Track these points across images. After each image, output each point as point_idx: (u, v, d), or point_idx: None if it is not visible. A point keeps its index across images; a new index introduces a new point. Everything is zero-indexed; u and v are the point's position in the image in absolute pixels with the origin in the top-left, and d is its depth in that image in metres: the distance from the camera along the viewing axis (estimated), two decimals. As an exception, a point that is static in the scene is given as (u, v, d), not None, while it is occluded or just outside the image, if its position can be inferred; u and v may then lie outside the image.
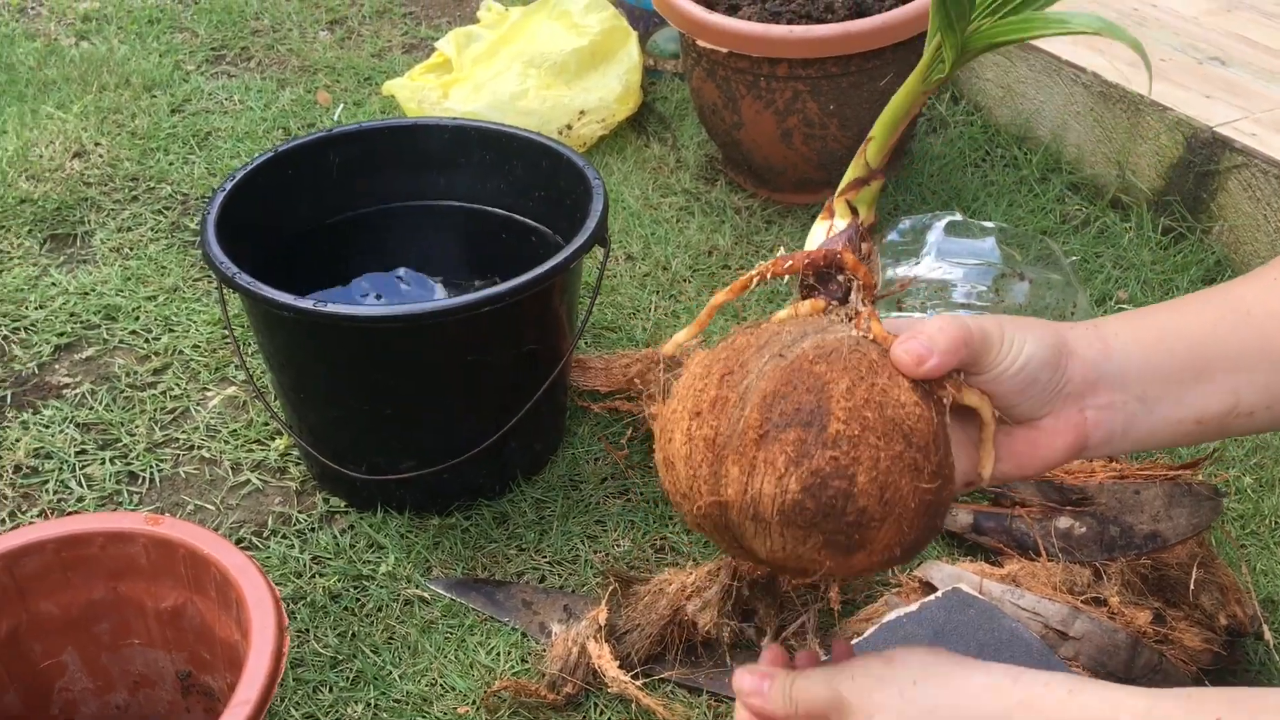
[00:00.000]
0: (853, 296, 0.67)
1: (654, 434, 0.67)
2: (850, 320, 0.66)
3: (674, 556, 1.17)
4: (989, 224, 1.23)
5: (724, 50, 1.51)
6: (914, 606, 0.94)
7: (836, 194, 0.74)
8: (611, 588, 1.08)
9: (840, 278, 0.68)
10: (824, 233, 0.73)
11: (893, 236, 1.24)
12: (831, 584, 1.09)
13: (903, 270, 1.21)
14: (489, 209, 1.34)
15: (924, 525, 0.62)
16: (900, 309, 1.20)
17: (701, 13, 1.52)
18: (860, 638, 0.93)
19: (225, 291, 1.14)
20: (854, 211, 0.72)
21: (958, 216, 1.24)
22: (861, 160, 0.73)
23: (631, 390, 1.32)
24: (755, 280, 0.69)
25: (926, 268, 1.19)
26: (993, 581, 1.04)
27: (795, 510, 0.59)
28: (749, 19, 1.55)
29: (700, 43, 1.54)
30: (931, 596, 0.96)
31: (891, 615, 0.95)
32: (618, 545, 1.18)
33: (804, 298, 0.68)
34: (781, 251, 0.69)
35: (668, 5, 1.57)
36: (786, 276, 0.68)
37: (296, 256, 1.27)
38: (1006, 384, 0.65)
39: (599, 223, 1.15)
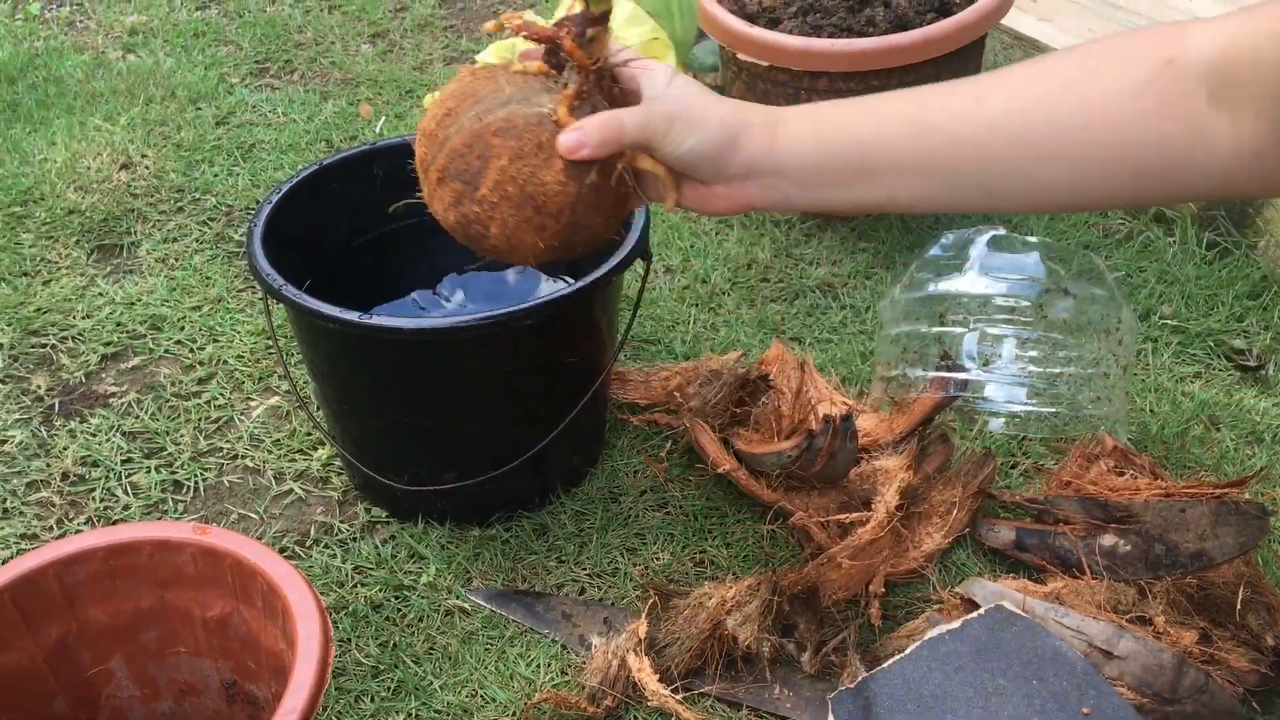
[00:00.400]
0: (565, 73, 0.82)
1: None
2: (555, 94, 0.82)
3: (713, 570, 1.17)
4: (1032, 239, 1.22)
5: (765, 64, 1.52)
6: (956, 623, 0.94)
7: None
8: (651, 601, 1.08)
9: (559, 57, 0.82)
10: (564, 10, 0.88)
11: (935, 251, 1.24)
12: (872, 600, 1.09)
13: (945, 285, 1.20)
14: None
15: (553, 250, 0.84)
16: (943, 323, 1.20)
17: (743, 26, 1.52)
18: (901, 655, 0.93)
19: (270, 302, 1.15)
20: (585, 2, 0.82)
21: (1001, 231, 1.24)
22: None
23: (671, 403, 1.33)
24: (492, 28, 0.86)
25: (969, 282, 1.19)
26: (1036, 599, 1.04)
27: (453, 230, 0.84)
28: (790, 33, 1.55)
29: (741, 56, 1.55)
30: (974, 614, 0.95)
31: (933, 632, 0.94)
32: (657, 558, 1.18)
33: (542, 57, 0.84)
34: (529, 20, 0.83)
35: (709, 19, 1.57)
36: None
37: (340, 268, 1.28)
38: (673, 163, 0.84)
39: (641, 236, 1.15)
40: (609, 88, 0.84)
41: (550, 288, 1.36)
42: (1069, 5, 2.02)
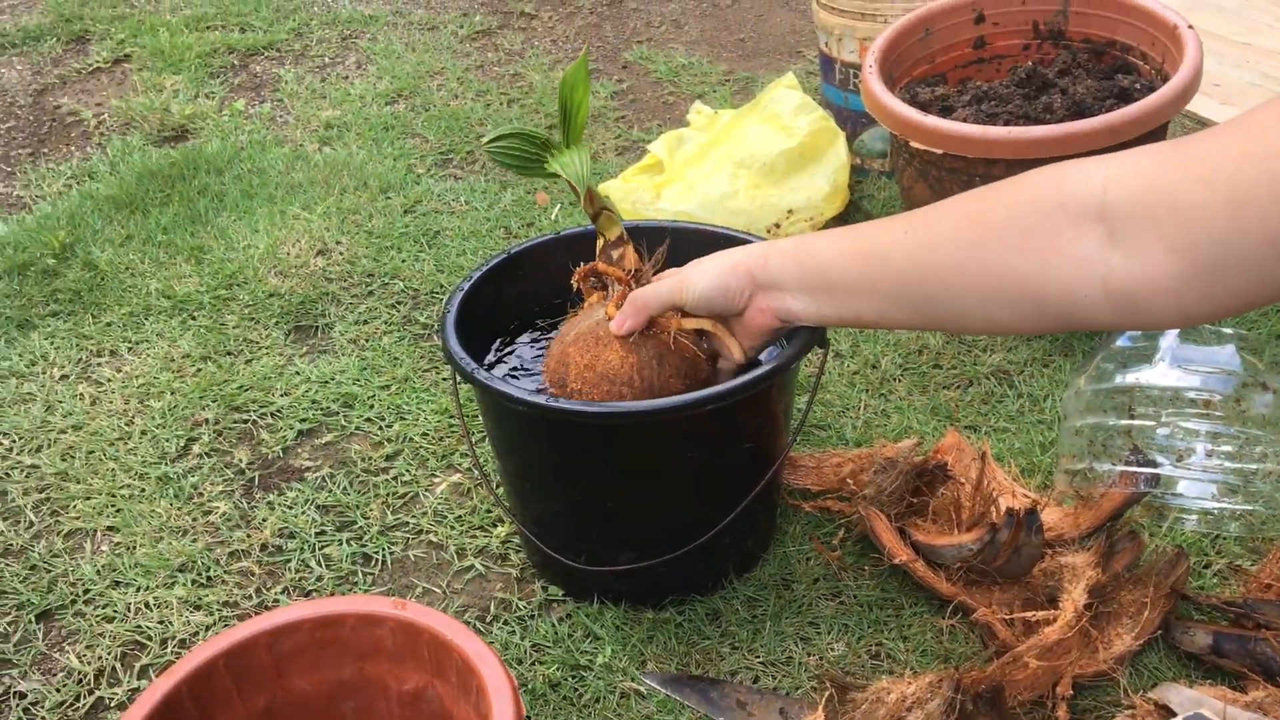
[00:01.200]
0: (610, 288, 1.16)
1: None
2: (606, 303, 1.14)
3: (890, 664, 1.15)
4: (1227, 330, 1.18)
5: (939, 151, 1.52)
6: (1154, 732, 0.90)
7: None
8: (828, 693, 1.07)
9: (603, 279, 1.17)
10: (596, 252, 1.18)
11: (1122, 341, 1.21)
12: (1060, 703, 1.05)
13: (1133, 376, 1.17)
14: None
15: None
16: (1132, 416, 1.17)
17: (917, 115, 1.53)
18: (1096, 762, 0.89)
19: (457, 383, 1.20)
20: (601, 236, 1.16)
21: (1192, 321, 1.20)
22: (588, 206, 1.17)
23: (844, 490, 1.32)
24: (576, 279, 1.19)
25: (1159, 374, 1.15)
26: (1237, 708, 0.99)
27: None
28: (965, 120, 1.56)
29: (914, 144, 1.55)
30: (1173, 722, 0.91)
31: (1129, 740, 0.91)
32: (831, 649, 1.17)
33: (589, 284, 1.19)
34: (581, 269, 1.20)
35: (882, 109, 1.59)
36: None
37: (517, 342, 1.33)
38: (697, 309, 1.09)
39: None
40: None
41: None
42: (1252, 88, 1.96)
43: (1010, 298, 0.87)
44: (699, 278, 1.07)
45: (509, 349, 1.31)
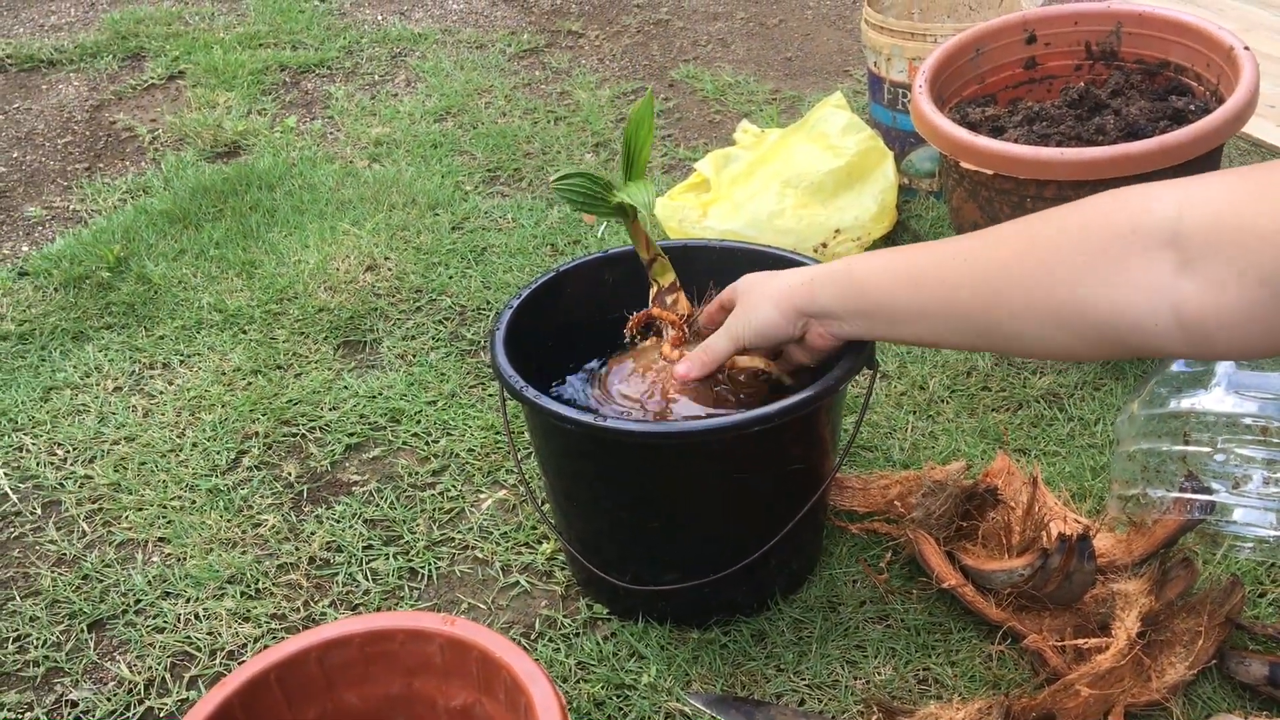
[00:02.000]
0: (665, 332, 1.22)
1: None
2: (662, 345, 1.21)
3: (938, 689, 1.14)
4: (1286, 356, 1.16)
5: (989, 172, 1.51)
6: (1211, 765, 0.88)
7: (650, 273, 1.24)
8: (875, 718, 1.06)
9: (658, 324, 1.23)
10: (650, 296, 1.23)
11: (1178, 366, 1.19)
12: (1113, 731, 1.04)
13: (1188, 402, 1.16)
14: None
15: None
16: (1187, 442, 1.15)
17: (967, 136, 1.52)
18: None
19: (505, 399, 1.21)
20: (655, 283, 1.22)
21: (1249, 347, 1.18)
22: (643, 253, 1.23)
23: (891, 513, 1.31)
24: (631, 327, 1.24)
25: (1215, 400, 1.14)
26: (1296, 743, 0.97)
27: None
28: (1016, 141, 1.55)
29: (964, 165, 1.55)
30: (1230, 755, 0.89)
31: (1185, 772, 0.89)
32: (879, 673, 1.16)
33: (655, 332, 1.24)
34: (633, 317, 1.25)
35: (932, 129, 1.58)
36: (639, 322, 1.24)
37: (562, 360, 1.33)
38: (758, 345, 1.12)
39: (868, 345, 1.16)
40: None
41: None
42: (1311, 107, 1.93)
43: (1073, 324, 0.86)
44: (750, 321, 1.11)
45: (557, 368, 1.32)
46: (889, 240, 1.86)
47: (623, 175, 1.20)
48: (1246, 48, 1.55)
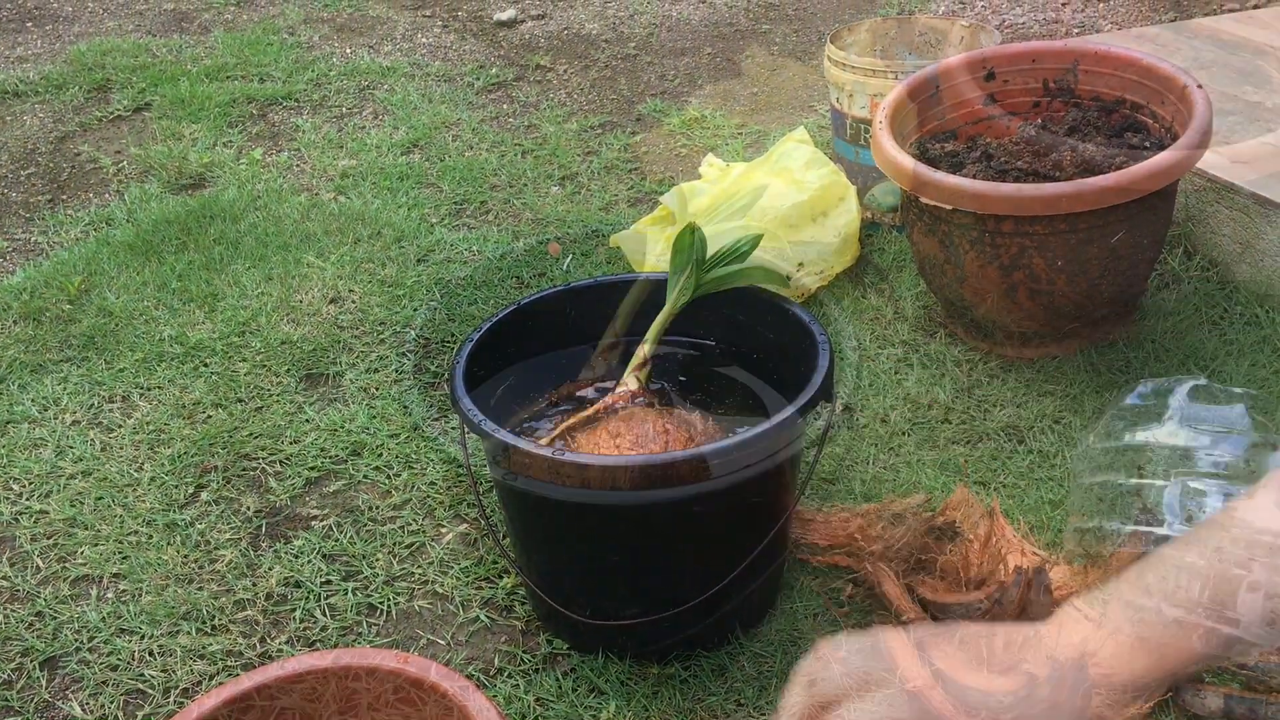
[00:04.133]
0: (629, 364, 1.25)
1: None
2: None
3: (897, 723, 1.14)
4: (1238, 390, 1.18)
5: (948, 207, 1.53)
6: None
7: (628, 369, 1.26)
8: (834, 752, 1.06)
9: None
10: (626, 389, 1.24)
11: (1132, 399, 1.20)
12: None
13: (1143, 435, 1.17)
14: (716, 358, 1.38)
15: None
16: (1141, 475, 1.16)
17: (927, 171, 1.54)
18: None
19: (466, 434, 1.20)
20: (639, 382, 1.24)
21: (1202, 380, 1.20)
22: (643, 353, 1.26)
23: (852, 546, 1.31)
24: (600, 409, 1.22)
25: (1169, 433, 1.15)
26: (1250, 775, 0.97)
27: None
28: (975, 177, 1.57)
29: (924, 199, 1.56)
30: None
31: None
32: (838, 707, 1.16)
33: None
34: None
35: (892, 164, 1.60)
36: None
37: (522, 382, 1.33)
38: None
39: (825, 379, 1.16)
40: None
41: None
42: (1262, 146, 1.97)
43: None
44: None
45: (521, 398, 1.32)
46: (851, 274, 1.87)
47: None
48: (1200, 85, 1.58)
